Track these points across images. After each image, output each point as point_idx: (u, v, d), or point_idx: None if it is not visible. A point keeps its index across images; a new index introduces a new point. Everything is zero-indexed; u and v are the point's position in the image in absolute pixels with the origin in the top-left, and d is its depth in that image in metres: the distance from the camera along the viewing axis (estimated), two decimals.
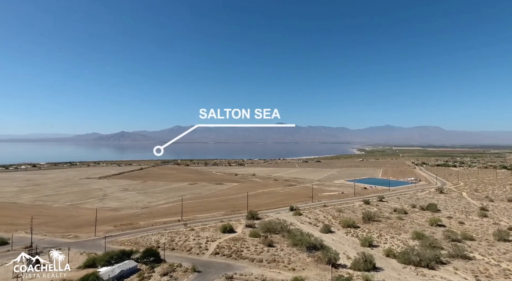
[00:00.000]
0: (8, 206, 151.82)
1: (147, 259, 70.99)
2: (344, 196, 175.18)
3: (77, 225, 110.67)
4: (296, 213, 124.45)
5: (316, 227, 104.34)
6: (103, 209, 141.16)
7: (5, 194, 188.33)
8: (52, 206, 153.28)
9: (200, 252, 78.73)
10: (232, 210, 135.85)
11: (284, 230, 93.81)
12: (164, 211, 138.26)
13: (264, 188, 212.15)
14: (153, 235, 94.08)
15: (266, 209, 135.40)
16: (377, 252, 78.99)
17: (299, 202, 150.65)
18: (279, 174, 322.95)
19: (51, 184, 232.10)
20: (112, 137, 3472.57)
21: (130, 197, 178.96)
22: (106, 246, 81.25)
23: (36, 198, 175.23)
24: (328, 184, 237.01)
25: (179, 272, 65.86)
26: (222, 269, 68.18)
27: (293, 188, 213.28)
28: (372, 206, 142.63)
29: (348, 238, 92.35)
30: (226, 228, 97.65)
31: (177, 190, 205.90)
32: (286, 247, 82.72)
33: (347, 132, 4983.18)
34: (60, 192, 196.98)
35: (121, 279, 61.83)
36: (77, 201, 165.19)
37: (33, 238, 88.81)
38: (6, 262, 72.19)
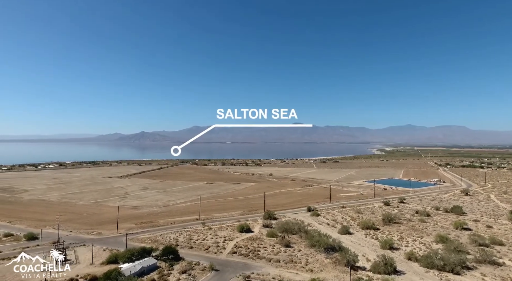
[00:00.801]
0: (38, 203, 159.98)
1: (167, 257, 72.60)
2: (363, 197, 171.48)
3: (100, 222, 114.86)
4: (314, 213, 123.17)
5: (334, 228, 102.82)
6: (125, 207, 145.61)
7: (35, 191, 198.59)
8: (77, 203, 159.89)
9: (218, 251, 79.57)
10: (249, 209, 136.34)
11: (302, 230, 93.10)
12: (182, 210, 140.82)
13: (281, 188, 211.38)
14: (172, 234, 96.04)
15: (283, 209, 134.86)
16: (398, 255, 76.79)
17: (317, 203, 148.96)
18: (296, 174, 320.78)
19: (76, 183, 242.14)
20: (133, 137, 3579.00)
21: (150, 196, 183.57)
22: (127, 243, 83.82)
23: (62, 195, 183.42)
24: (346, 184, 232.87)
25: (197, 270, 66.86)
26: (239, 268, 68.58)
27: (311, 189, 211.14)
28: (393, 207, 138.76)
29: (367, 240, 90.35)
30: (243, 228, 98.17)
31: (195, 190, 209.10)
32: (303, 247, 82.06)
33: (366, 132, 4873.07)
34: (85, 190, 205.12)
35: (141, 276, 63.54)
36: (100, 199, 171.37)
37: (60, 234, 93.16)
38: (36, 256, 76.10)
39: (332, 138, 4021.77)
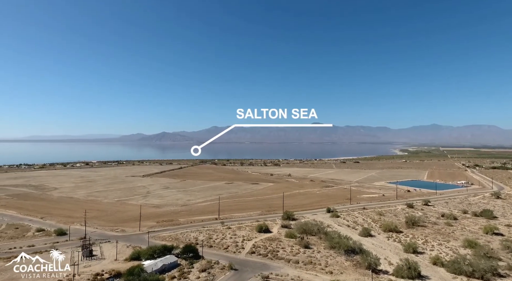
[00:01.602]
0: (66, 200, 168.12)
1: (187, 255, 74.01)
2: (385, 198, 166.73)
3: (123, 220, 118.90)
4: (334, 215, 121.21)
5: (355, 230, 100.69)
6: (147, 206, 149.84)
7: (64, 189, 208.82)
8: (102, 201, 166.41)
9: (237, 251, 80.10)
10: (267, 210, 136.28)
11: (321, 232, 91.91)
12: (202, 209, 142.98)
13: (300, 189, 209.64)
14: (192, 232, 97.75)
15: (302, 210, 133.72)
16: (423, 259, 74.01)
17: (337, 204, 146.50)
18: (315, 175, 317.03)
19: (101, 181, 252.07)
20: (154, 138, 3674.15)
21: (171, 195, 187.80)
22: (149, 241, 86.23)
23: (89, 193, 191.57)
24: (367, 186, 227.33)
25: (217, 269, 67.63)
26: (258, 268, 68.68)
27: (330, 190, 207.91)
28: (417, 210, 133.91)
29: (389, 243, 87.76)
30: (262, 228, 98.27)
31: (214, 189, 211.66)
32: (323, 249, 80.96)
33: (388, 131, 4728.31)
34: (109, 188, 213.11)
35: (163, 273, 65.12)
36: (124, 198, 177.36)
37: (86, 230, 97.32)
38: (66, 251, 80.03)
39: (353, 138, 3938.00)
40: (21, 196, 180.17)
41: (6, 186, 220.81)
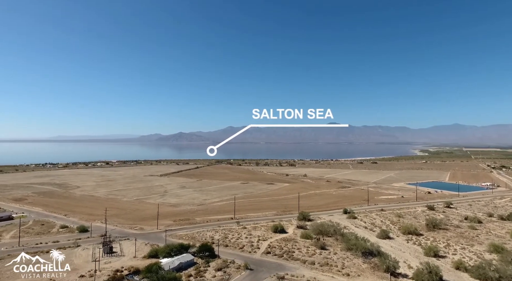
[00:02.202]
0: (88, 199, 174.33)
1: (203, 254, 74.92)
2: (404, 200, 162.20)
3: (142, 218, 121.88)
4: (350, 216, 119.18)
5: (373, 232, 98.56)
6: (164, 205, 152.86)
7: (86, 187, 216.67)
8: (121, 200, 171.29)
9: (252, 251, 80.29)
10: (283, 210, 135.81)
11: (338, 233, 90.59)
12: (218, 208, 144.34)
13: (316, 190, 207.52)
14: (208, 231, 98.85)
15: (318, 211, 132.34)
16: (444, 264, 71.43)
17: (353, 205, 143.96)
18: (331, 175, 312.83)
19: (120, 180, 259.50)
20: (171, 138, 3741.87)
21: (187, 194, 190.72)
22: (166, 239, 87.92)
23: (109, 192, 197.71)
24: (385, 187, 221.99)
25: (232, 269, 68.06)
26: (273, 268, 68.56)
27: (347, 190, 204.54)
28: (438, 212, 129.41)
29: (409, 246, 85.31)
30: (277, 228, 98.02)
31: (230, 189, 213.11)
32: (339, 251, 79.76)
33: (408, 131, 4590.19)
34: (128, 187, 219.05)
35: (180, 271, 66.18)
36: (142, 196, 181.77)
37: (107, 227, 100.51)
38: (88, 247, 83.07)
39: (370, 139, 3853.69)
40: (47, 194, 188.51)
41: (33, 184, 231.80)
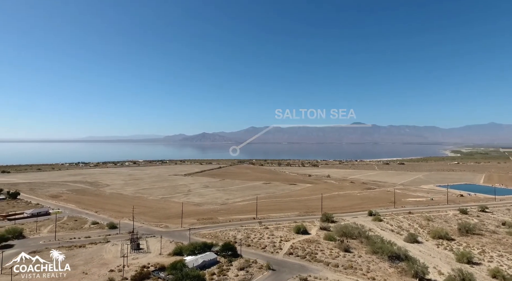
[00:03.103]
0: (117, 196, 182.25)
1: (226, 253, 75.90)
2: (434, 203, 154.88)
3: (167, 216, 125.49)
4: (376, 218, 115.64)
5: (400, 236, 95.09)
6: (188, 204, 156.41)
7: (115, 186, 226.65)
8: (148, 198, 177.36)
9: (274, 251, 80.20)
10: (305, 211, 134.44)
11: (362, 235, 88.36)
12: (240, 208, 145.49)
13: (340, 191, 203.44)
14: (231, 231, 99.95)
15: (342, 213, 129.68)
16: (479, 271, 67.49)
17: (379, 207, 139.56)
18: (356, 176, 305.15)
19: (147, 179, 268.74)
20: (195, 138, 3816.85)
21: (210, 194, 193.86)
22: (190, 237, 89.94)
23: (136, 190, 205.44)
24: (413, 189, 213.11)
25: (255, 268, 68.35)
26: (296, 269, 68.07)
27: (372, 192, 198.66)
28: (471, 216, 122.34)
29: (439, 251, 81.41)
30: (299, 229, 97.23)
31: (252, 189, 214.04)
32: (364, 254, 77.70)
33: (438, 131, 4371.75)
34: (154, 186, 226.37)
35: (203, 269, 67.50)
36: (167, 195, 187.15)
37: (134, 225, 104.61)
38: (116, 243, 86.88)
39: (396, 139, 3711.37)
40: (79, 191, 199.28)
41: (67, 182, 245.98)
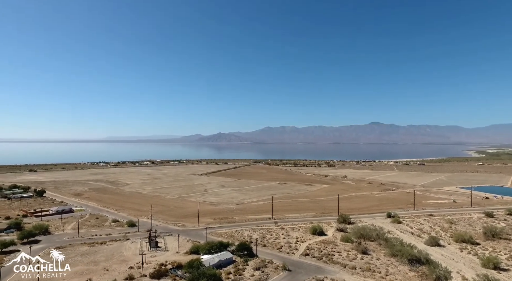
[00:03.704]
0: (136, 195, 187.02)
1: (241, 252, 76.15)
2: (457, 205, 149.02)
3: (184, 215, 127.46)
4: (395, 220, 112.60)
5: (420, 238, 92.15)
6: (204, 203, 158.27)
7: (134, 185, 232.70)
8: (165, 197, 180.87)
9: (290, 252, 79.73)
10: (322, 212, 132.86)
11: (381, 237, 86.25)
12: (256, 208, 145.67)
13: (357, 192, 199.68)
14: (246, 230, 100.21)
15: (359, 214, 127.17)
16: (507, 278, 64.36)
17: (398, 209, 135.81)
18: (373, 177, 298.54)
19: (164, 179, 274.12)
20: (211, 138, 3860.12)
21: (226, 193, 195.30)
22: (207, 237, 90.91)
23: (154, 190, 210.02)
24: (434, 190, 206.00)
25: (271, 268, 68.20)
26: (312, 271, 67.37)
27: (391, 193, 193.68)
28: (498, 220, 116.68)
29: (463, 256, 78.20)
30: (316, 230, 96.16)
31: (268, 189, 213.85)
32: (383, 256, 75.84)
33: (461, 131, 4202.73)
34: (171, 186, 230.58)
35: (219, 268, 68.00)
36: (184, 195, 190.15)
37: (152, 223, 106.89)
38: (135, 241, 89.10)
39: (417, 139, 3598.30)
40: (100, 190, 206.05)
41: (89, 181, 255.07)
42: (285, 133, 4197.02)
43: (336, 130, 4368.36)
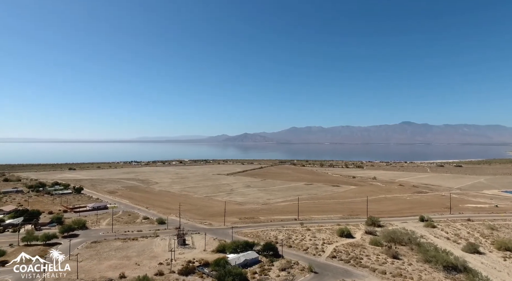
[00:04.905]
0: (165, 194, 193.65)
1: (267, 253, 76.12)
2: (499, 210, 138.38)
3: (210, 214, 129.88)
4: (428, 224, 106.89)
5: (457, 245, 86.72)
6: (230, 202, 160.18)
7: (163, 184, 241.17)
8: (193, 196, 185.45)
9: (317, 253, 78.44)
10: (349, 213, 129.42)
11: (413, 242, 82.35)
12: (281, 208, 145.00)
13: (387, 194, 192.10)
14: (272, 231, 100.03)
15: (389, 217, 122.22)
16: None
17: (432, 213, 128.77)
18: (405, 179, 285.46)
19: (192, 178, 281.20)
20: (237, 138, 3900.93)
21: (252, 193, 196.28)
22: (232, 236, 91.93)
23: (182, 189, 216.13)
24: (473, 194, 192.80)
25: (296, 270, 67.52)
26: (339, 274, 65.81)
27: (424, 196, 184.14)
28: None
29: (507, 265, 72.46)
30: (343, 232, 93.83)
31: (293, 190, 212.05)
32: (415, 262, 72.27)
33: (504, 130, 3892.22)
34: (198, 185, 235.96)
35: (245, 267, 68.47)
36: (211, 194, 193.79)
37: (180, 221, 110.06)
38: (165, 238, 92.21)
39: (453, 139, 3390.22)
40: (132, 188, 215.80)
41: (122, 179, 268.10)
42: (311, 133, 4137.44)
43: (365, 130, 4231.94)
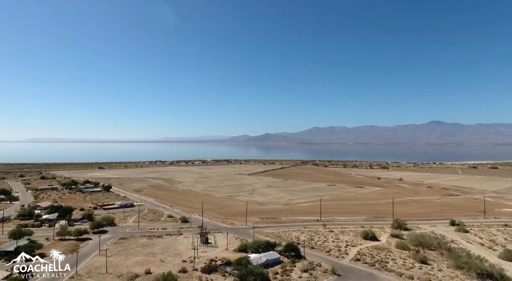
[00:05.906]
0: (188, 193, 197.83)
1: (289, 253, 75.63)
2: None
3: (232, 214, 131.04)
4: (460, 229, 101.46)
5: (492, 251, 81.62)
6: (252, 202, 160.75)
7: (186, 183, 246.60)
8: (215, 195, 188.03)
9: (340, 256, 76.84)
10: (374, 216, 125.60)
11: (443, 247, 78.48)
12: (303, 209, 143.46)
13: (414, 196, 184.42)
14: (294, 231, 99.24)
15: (417, 220, 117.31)
16: None
17: (464, 217, 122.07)
18: (434, 180, 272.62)
19: (214, 178, 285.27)
20: (258, 139, 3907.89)
21: (273, 194, 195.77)
22: (254, 235, 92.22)
23: (204, 188, 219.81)
24: (510, 197, 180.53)
25: (319, 272, 66.52)
26: (363, 277, 64.06)
27: (455, 199, 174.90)
28: None
29: None
30: (367, 235, 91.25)
31: (315, 190, 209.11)
32: (445, 268, 68.83)
33: None
34: (220, 184, 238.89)
35: (266, 267, 68.38)
36: (232, 193, 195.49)
37: (203, 220, 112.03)
38: (188, 236, 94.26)
39: (487, 139, 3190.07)
40: (157, 187, 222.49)
41: (147, 178, 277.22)
42: (334, 133, 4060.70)
43: (390, 129, 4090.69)
